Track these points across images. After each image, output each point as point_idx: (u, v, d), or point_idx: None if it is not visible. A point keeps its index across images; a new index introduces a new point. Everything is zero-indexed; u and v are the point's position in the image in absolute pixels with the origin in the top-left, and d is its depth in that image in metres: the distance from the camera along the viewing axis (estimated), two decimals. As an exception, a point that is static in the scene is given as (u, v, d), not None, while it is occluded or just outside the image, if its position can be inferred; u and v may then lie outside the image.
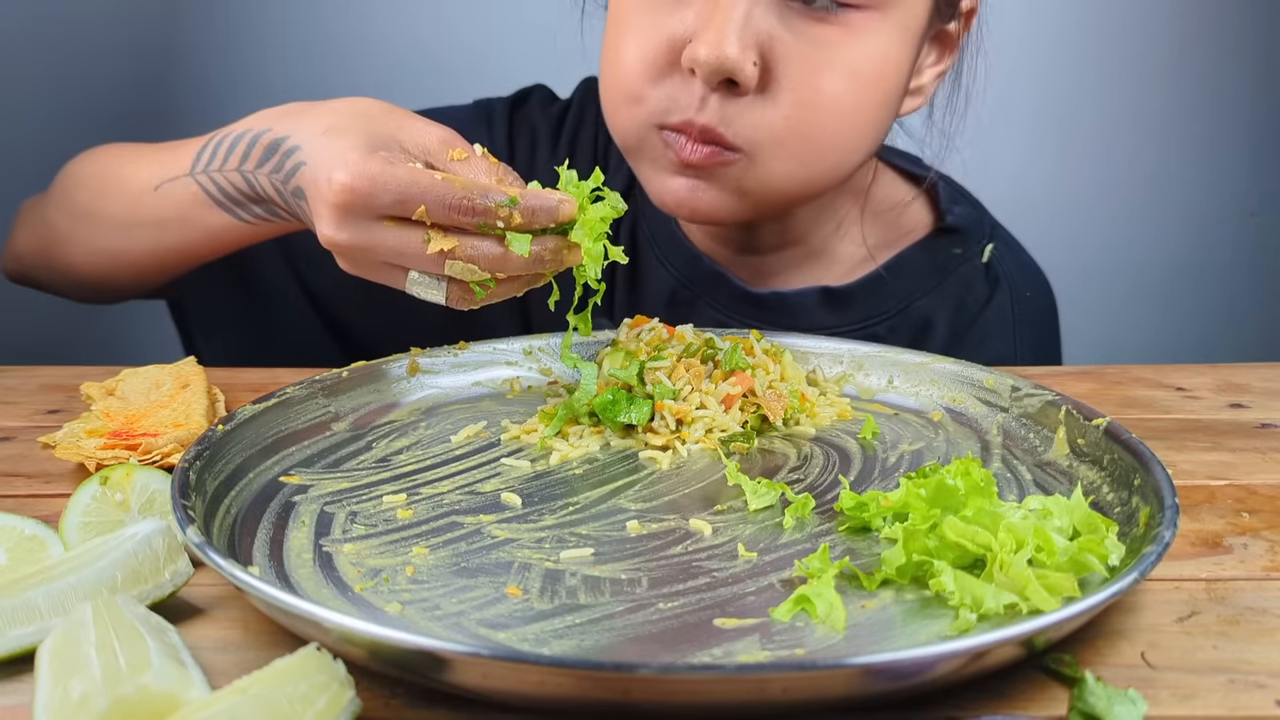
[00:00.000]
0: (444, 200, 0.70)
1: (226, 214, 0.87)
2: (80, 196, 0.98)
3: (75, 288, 1.04)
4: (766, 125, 0.85)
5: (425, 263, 0.71)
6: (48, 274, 1.04)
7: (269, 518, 0.65)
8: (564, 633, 0.53)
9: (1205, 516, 0.68)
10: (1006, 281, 1.04)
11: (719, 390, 0.77)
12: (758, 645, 0.52)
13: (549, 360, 0.87)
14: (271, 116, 0.83)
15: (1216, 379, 0.93)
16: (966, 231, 1.04)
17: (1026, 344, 1.04)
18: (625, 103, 0.88)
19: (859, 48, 0.85)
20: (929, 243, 1.03)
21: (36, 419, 0.83)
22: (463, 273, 0.71)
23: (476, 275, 0.71)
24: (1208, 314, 1.81)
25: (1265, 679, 0.51)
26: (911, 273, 1.01)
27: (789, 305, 1.00)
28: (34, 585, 0.53)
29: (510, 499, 0.67)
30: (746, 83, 0.82)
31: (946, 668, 0.47)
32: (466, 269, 0.71)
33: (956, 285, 1.02)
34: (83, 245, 0.98)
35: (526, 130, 1.09)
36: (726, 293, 1.01)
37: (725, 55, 0.81)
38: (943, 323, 1.01)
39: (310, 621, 0.49)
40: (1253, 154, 1.78)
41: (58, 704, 0.44)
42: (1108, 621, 0.55)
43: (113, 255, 0.96)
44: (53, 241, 1.01)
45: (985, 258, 1.03)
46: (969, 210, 1.06)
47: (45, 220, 1.01)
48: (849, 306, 1.00)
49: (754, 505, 0.66)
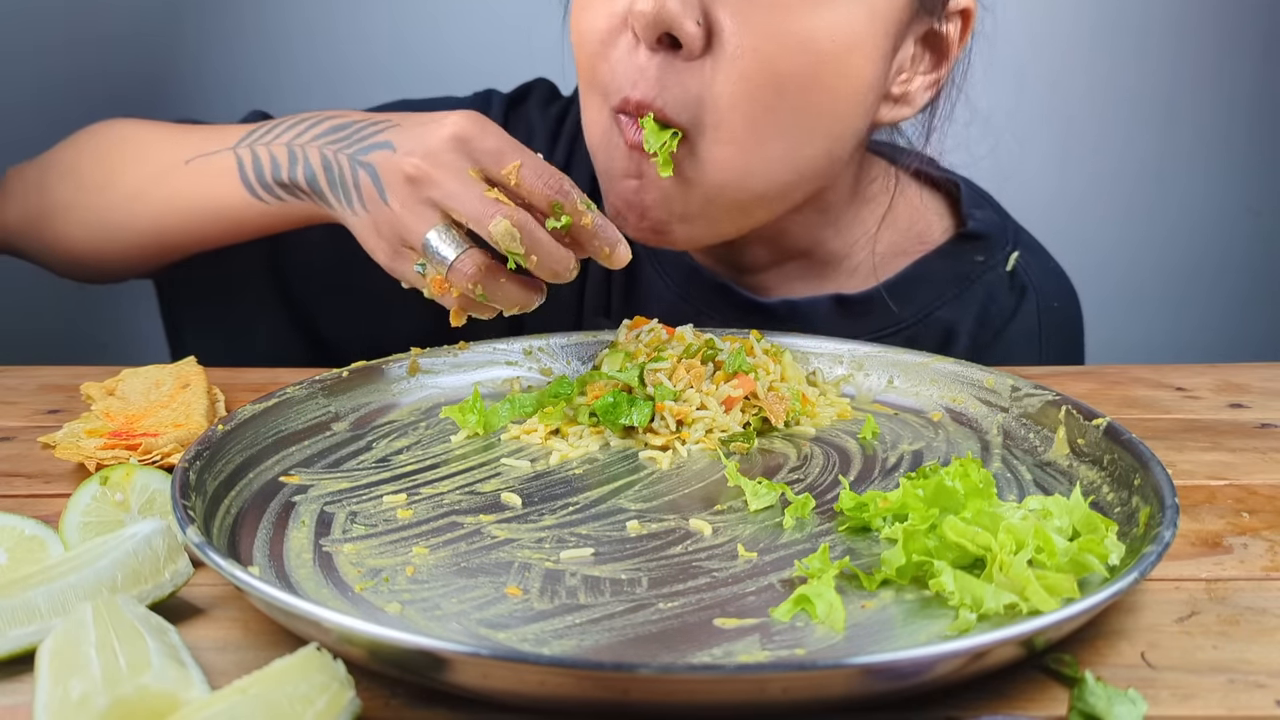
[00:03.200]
0: (539, 167, 0.73)
1: (247, 192, 0.87)
2: (92, 166, 0.97)
3: (61, 263, 1.02)
4: (708, 95, 0.79)
5: (476, 205, 0.73)
6: (35, 245, 1.02)
7: (269, 518, 0.65)
8: (564, 633, 0.53)
9: (1205, 516, 0.68)
10: (1033, 291, 0.99)
11: (720, 391, 0.77)
12: (758, 645, 0.52)
13: (549, 360, 0.87)
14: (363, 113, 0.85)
15: (1216, 379, 0.93)
16: (989, 237, 0.99)
17: (1053, 356, 1.00)
18: (588, 87, 0.85)
19: (817, 18, 0.79)
20: (949, 249, 0.99)
21: (36, 419, 0.83)
22: (502, 236, 0.72)
23: (513, 244, 0.73)
24: (1208, 314, 1.81)
25: (1265, 679, 0.51)
26: (931, 281, 0.97)
27: (800, 314, 0.96)
28: (34, 585, 0.53)
29: (510, 499, 0.67)
30: (689, 41, 0.77)
31: (946, 668, 0.47)
32: (509, 233, 0.72)
33: (979, 295, 0.97)
34: (83, 217, 0.97)
35: (522, 129, 1.06)
36: (732, 304, 0.97)
37: (664, 6, 0.76)
38: (965, 333, 0.97)
39: (310, 621, 0.49)
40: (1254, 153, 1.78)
41: (58, 704, 0.44)
42: (1108, 621, 0.55)
43: (114, 230, 0.95)
44: (47, 212, 0.99)
45: (1010, 266, 0.98)
46: (991, 215, 1.01)
47: (42, 188, 1.00)
48: (864, 315, 0.96)
49: (754, 505, 0.66)
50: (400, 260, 0.79)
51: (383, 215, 0.78)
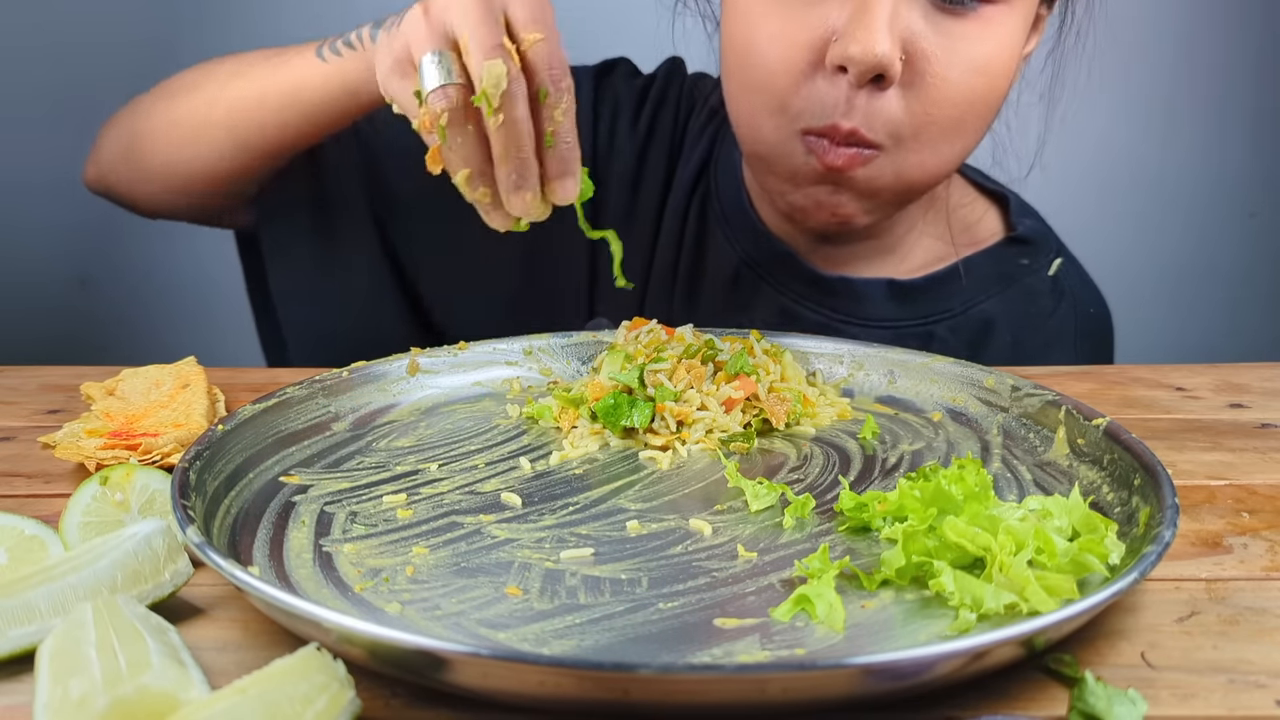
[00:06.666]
0: (556, 51, 0.70)
1: (316, 56, 0.90)
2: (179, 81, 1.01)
3: (152, 189, 1.04)
4: (905, 118, 0.87)
5: (487, 37, 0.69)
6: (127, 174, 1.04)
7: (269, 518, 0.65)
8: (564, 633, 0.53)
9: (1205, 516, 0.68)
10: (1071, 296, 1.06)
11: (721, 393, 0.77)
12: (758, 645, 0.52)
13: (549, 360, 0.87)
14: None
15: (1216, 379, 0.93)
16: (1035, 243, 1.06)
17: (1086, 357, 1.06)
18: (770, 111, 0.89)
19: (990, 40, 0.87)
20: (997, 251, 1.05)
21: (36, 419, 0.83)
22: (489, 75, 0.68)
23: (494, 90, 0.68)
24: (1208, 314, 1.81)
25: (1265, 679, 0.51)
26: (978, 277, 1.03)
27: (856, 292, 1.02)
28: (34, 585, 0.53)
29: (510, 499, 0.67)
30: (894, 78, 0.84)
31: (946, 668, 0.47)
32: (497, 77, 0.68)
33: (1022, 293, 1.04)
34: (170, 129, 1.00)
35: (610, 99, 1.11)
36: (793, 274, 1.03)
37: (879, 53, 0.82)
38: (1004, 328, 1.03)
39: (310, 621, 0.49)
40: (1253, 155, 1.78)
41: (58, 704, 0.44)
42: (1108, 621, 0.55)
43: (199, 129, 0.98)
44: (140, 133, 1.02)
45: (1053, 271, 1.05)
46: (1038, 224, 1.09)
47: (134, 114, 1.03)
48: (914, 301, 1.02)
49: (754, 505, 0.66)
50: (397, 75, 0.75)
51: (400, 31, 0.75)
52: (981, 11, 0.86)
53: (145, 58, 1.60)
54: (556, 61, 0.71)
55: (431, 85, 0.70)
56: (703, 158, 1.07)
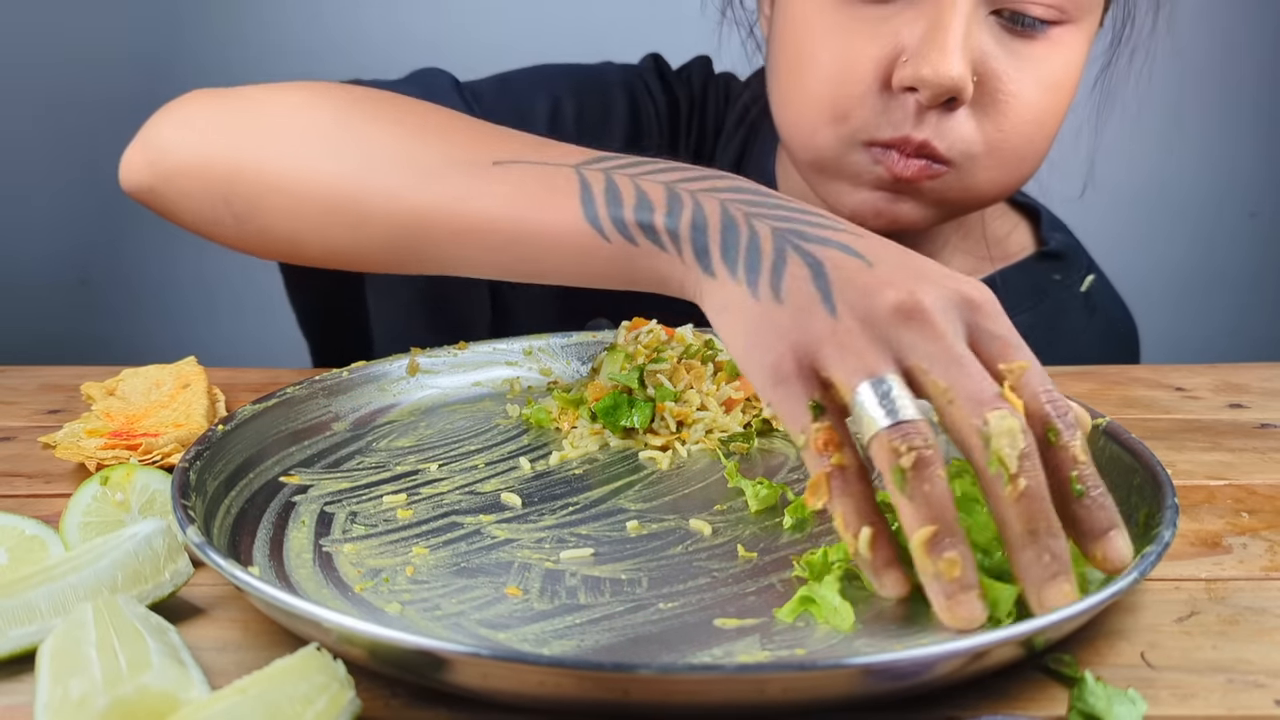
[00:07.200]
0: (1044, 376, 0.56)
1: (586, 220, 0.64)
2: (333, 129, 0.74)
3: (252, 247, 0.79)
4: (978, 136, 0.86)
5: (974, 382, 0.54)
6: (224, 230, 0.78)
7: (269, 518, 0.65)
8: (564, 633, 0.53)
9: (1205, 516, 0.68)
10: (1103, 312, 1.06)
11: (721, 393, 0.77)
12: (758, 645, 0.52)
13: (549, 360, 0.87)
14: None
15: (1216, 379, 0.93)
16: (1067, 258, 1.05)
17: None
18: (828, 121, 0.87)
19: (1058, 60, 0.87)
20: (1028, 265, 1.04)
21: (36, 419, 0.83)
22: (1001, 433, 0.52)
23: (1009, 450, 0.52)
24: (1208, 314, 1.82)
25: (1265, 679, 0.51)
26: (1009, 291, 1.02)
27: None
28: (34, 585, 0.53)
29: (510, 499, 0.67)
30: (965, 99, 0.83)
31: (946, 668, 0.47)
32: (1011, 433, 0.52)
33: (1053, 308, 1.03)
34: (299, 202, 0.73)
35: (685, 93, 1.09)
36: None
37: (952, 76, 0.81)
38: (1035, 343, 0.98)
39: (310, 621, 0.49)
40: (1254, 155, 1.78)
41: (58, 704, 0.44)
42: (1108, 621, 0.55)
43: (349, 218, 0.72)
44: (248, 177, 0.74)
45: (1085, 287, 1.05)
46: (1068, 238, 1.08)
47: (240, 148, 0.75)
48: None
49: (754, 505, 0.66)
50: (788, 384, 0.56)
51: (804, 322, 0.56)
52: (1050, 33, 0.86)
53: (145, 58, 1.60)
54: (1050, 388, 0.56)
55: (879, 420, 0.53)
56: (734, 160, 1.05)
